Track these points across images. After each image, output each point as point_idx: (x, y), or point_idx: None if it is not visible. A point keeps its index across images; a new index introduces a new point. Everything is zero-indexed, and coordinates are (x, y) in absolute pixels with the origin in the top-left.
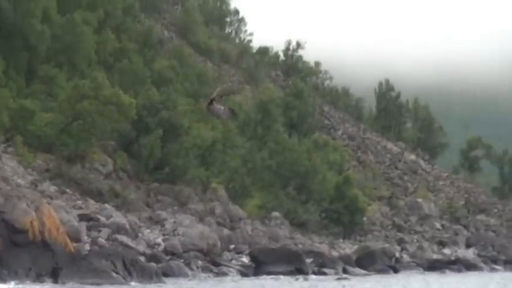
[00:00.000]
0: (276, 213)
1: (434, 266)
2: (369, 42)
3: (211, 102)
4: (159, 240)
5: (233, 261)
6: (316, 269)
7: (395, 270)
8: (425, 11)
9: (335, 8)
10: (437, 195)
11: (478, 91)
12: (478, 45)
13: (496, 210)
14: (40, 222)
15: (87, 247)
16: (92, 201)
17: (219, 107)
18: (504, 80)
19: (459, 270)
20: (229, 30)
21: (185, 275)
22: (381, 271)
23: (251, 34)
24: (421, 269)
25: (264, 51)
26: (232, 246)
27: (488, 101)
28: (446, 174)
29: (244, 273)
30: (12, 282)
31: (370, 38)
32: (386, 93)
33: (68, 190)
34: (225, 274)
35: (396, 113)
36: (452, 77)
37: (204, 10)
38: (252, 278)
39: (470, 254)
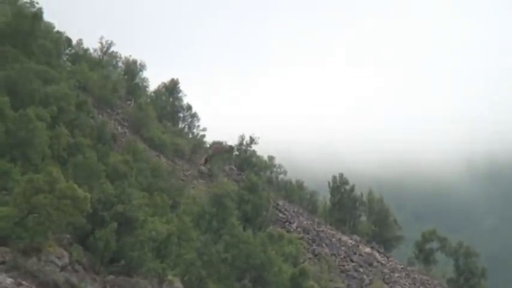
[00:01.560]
0: None
1: None
2: (321, 137)
3: (206, 160)
4: None
5: None
6: None
7: None
8: (378, 106)
9: (288, 103)
10: (393, 287)
11: (431, 184)
12: (430, 138)
13: None
14: None
15: None
16: None
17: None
18: (456, 172)
19: None
20: (182, 126)
21: None
22: None
23: (204, 129)
24: None
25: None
26: None
27: (441, 193)
28: (402, 266)
29: None
30: None
31: (323, 132)
32: (340, 186)
33: (24, 282)
34: None
35: (351, 206)
36: (405, 170)
37: (156, 106)
38: None
39: None
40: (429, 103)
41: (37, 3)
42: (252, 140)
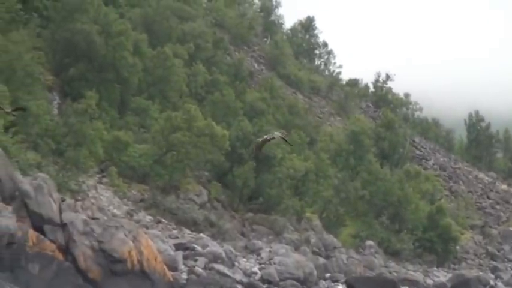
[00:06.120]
0: (370, 242)
1: None
2: (457, 74)
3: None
4: (256, 269)
5: None
6: None
7: None
8: None
9: (424, 40)
10: None
11: None
12: None
13: None
14: (138, 251)
15: (185, 276)
16: (187, 231)
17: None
18: None
19: None
20: (318, 63)
21: None
22: None
23: (340, 66)
24: None
25: (353, 83)
26: (328, 275)
27: None
28: None
29: None
30: None
31: (459, 69)
32: (476, 124)
33: (163, 220)
34: None
35: (487, 144)
36: None
37: (292, 43)
38: None
39: None
40: None
41: None
42: (388, 77)
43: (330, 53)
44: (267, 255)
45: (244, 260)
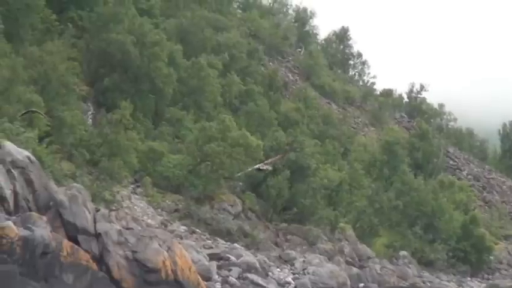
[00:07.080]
0: (404, 252)
1: None
2: (491, 84)
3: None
4: (289, 279)
5: None
6: None
7: None
8: None
9: (457, 51)
10: None
11: None
12: None
13: None
14: (172, 261)
15: (219, 286)
16: (221, 241)
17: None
18: None
19: None
20: (353, 73)
21: None
22: None
23: (374, 77)
24: None
25: (387, 93)
26: (361, 285)
27: None
28: None
29: None
30: None
31: (493, 79)
32: (510, 134)
33: (197, 230)
34: None
35: None
36: None
37: (327, 53)
38: None
39: None
40: None
41: None
42: (422, 87)
43: (364, 63)
44: (301, 265)
45: (278, 270)
